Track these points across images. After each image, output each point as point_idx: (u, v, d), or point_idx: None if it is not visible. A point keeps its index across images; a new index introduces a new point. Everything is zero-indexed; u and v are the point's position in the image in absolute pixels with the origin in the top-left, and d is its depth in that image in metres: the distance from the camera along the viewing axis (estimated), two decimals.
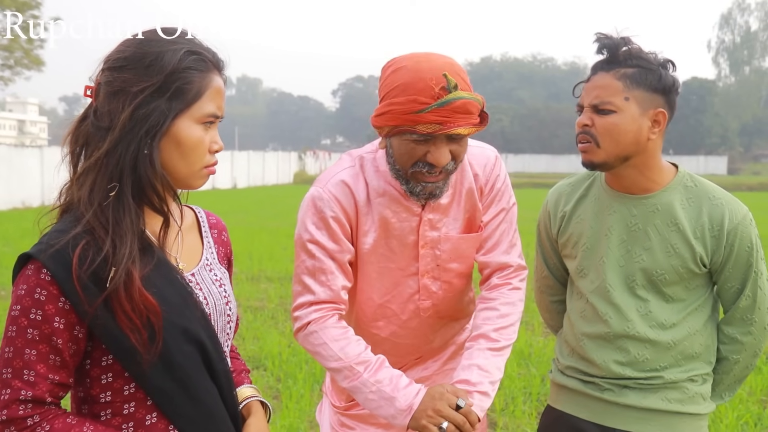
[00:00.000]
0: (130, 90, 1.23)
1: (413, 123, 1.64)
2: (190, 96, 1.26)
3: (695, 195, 1.77)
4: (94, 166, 1.24)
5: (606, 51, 1.75)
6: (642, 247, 1.78)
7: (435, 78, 1.63)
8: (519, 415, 4.19)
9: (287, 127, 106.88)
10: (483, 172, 1.90)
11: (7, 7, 25.27)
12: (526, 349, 5.37)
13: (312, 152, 48.10)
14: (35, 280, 1.19)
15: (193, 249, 1.42)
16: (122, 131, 1.22)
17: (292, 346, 5.53)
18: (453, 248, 1.89)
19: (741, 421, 4.04)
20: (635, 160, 1.75)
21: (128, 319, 1.21)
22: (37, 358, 1.18)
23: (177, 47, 1.27)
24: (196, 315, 1.32)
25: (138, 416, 1.28)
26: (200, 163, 1.31)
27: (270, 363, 5.15)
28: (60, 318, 1.19)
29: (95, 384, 1.26)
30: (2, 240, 12.05)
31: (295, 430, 3.96)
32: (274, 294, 7.67)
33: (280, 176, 39.84)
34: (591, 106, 1.74)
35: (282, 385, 4.74)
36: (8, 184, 19.81)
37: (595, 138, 1.73)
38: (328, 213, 1.80)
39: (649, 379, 1.79)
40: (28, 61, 27.48)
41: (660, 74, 1.72)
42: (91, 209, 1.22)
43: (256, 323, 6.37)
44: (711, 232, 1.74)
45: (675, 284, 1.78)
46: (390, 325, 1.94)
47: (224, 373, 1.38)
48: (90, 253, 1.20)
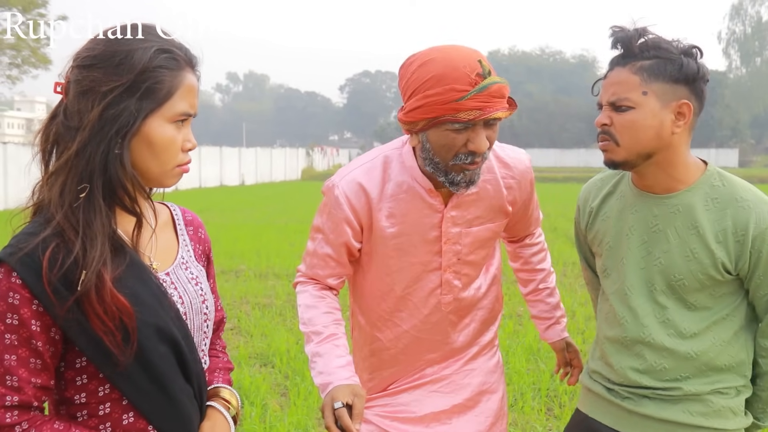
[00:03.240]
0: (100, 89, 1.20)
1: (455, 111, 1.66)
2: (161, 95, 1.24)
3: (721, 196, 1.65)
4: (63, 167, 1.22)
5: (620, 45, 1.66)
6: (661, 250, 1.68)
7: (470, 65, 1.66)
8: (528, 411, 4.17)
9: (295, 123, 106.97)
10: (520, 179, 1.98)
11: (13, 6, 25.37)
12: (534, 345, 5.34)
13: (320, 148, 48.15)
14: (6, 283, 1.17)
15: (168, 247, 1.41)
16: (91, 131, 1.20)
17: (300, 343, 5.52)
18: (473, 241, 1.92)
19: None
20: (658, 156, 1.65)
21: (101, 322, 1.19)
22: (18, 363, 1.17)
23: (147, 45, 1.24)
24: (170, 315, 1.30)
25: (114, 416, 1.27)
26: (173, 162, 1.29)
27: (278, 360, 5.14)
28: (36, 321, 1.18)
29: (70, 386, 1.25)
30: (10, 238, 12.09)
31: (303, 426, 3.95)
32: (281, 291, 7.66)
33: (287, 172, 39.90)
34: (609, 103, 1.66)
35: (290, 382, 4.73)
36: (16, 183, 19.91)
37: (614, 137, 1.65)
38: (339, 214, 1.87)
39: (668, 390, 1.69)
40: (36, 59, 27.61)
41: (681, 63, 1.61)
42: (61, 210, 1.20)
43: (264, 320, 6.37)
44: (735, 236, 1.62)
45: (697, 291, 1.66)
46: (411, 318, 1.97)
47: (197, 373, 1.37)
48: (60, 256, 1.18)
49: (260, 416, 4.05)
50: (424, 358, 2.01)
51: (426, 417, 1.98)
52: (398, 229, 1.87)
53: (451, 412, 2.00)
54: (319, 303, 1.92)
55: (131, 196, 1.26)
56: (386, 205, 1.87)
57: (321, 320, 1.88)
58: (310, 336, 1.88)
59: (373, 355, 2.05)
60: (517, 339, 5.48)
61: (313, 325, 1.88)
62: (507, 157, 1.94)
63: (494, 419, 2.05)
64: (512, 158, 1.95)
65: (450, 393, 2.00)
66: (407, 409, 1.99)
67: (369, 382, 2.08)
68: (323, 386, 1.77)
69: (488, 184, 1.90)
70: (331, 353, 1.82)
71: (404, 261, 1.90)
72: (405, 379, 2.03)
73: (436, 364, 2.02)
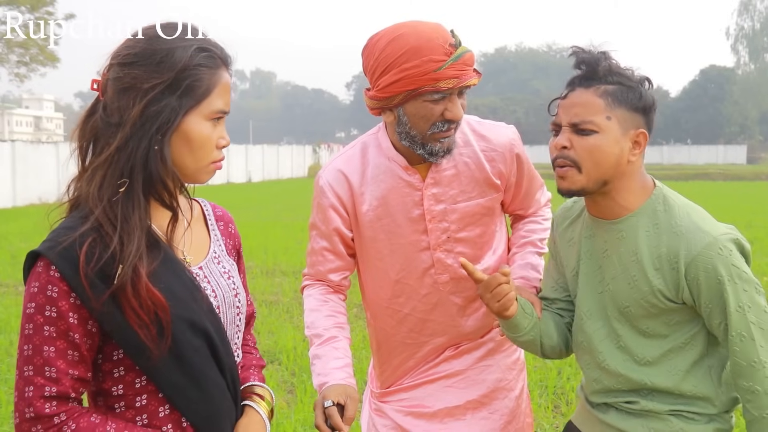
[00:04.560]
0: (141, 87, 1.23)
1: (434, 81, 1.70)
2: (199, 92, 1.27)
3: (661, 221, 1.60)
4: (104, 162, 1.24)
5: (585, 66, 1.62)
6: (610, 276, 1.65)
7: (442, 36, 1.72)
8: (535, 408, 4.16)
9: (301, 120, 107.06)
10: (502, 150, 1.94)
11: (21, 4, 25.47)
12: None
13: (326, 145, 48.14)
14: (46, 277, 1.20)
15: (201, 242, 1.43)
16: (133, 128, 1.22)
17: (307, 341, 5.51)
18: (461, 218, 1.92)
19: None
20: (611, 185, 1.61)
21: (136, 315, 1.21)
22: (56, 355, 1.19)
23: (187, 44, 1.27)
24: (203, 308, 1.32)
25: (151, 408, 1.29)
26: (208, 159, 1.32)
27: (285, 357, 5.16)
28: (73, 313, 1.20)
29: (107, 378, 1.27)
30: (20, 236, 12.17)
31: (310, 423, 3.96)
32: (288, 288, 7.67)
33: (294, 170, 39.93)
34: (570, 125, 1.59)
35: (297, 379, 4.74)
36: (25, 180, 20.02)
37: (575, 161, 1.58)
38: (324, 202, 1.93)
39: (629, 402, 1.66)
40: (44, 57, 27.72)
41: (640, 92, 1.59)
42: (100, 205, 1.22)
43: (270, 317, 6.38)
44: (669, 263, 1.56)
45: (645, 318, 1.61)
46: (410, 300, 1.98)
47: (230, 367, 1.39)
48: (97, 250, 1.20)
49: None
50: (431, 342, 2.01)
51: (440, 412, 1.98)
52: (382, 210, 1.90)
53: (465, 408, 2.00)
54: (322, 307, 1.94)
55: (170, 192, 1.30)
56: (368, 189, 1.90)
57: (322, 323, 1.91)
58: (312, 339, 1.92)
59: (381, 346, 2.07)
60: None
61: (315, 329, 1.91)
62: (485, 130, 1.94)
63: (510, 417, 2.03)
64: (491, 131, 1.95)
65: (464, 388, 2.00)
66: (422, 404, 2.00)
67: (381, 375, 2.09)
68: (319, 387, 1.79)
69: (466, 157, 1.90)
70: (329, 355, 1.84)
71: (393, 243, 1.92)
72: (419, 372, 2.03)
73: (453, 360, 2.01)
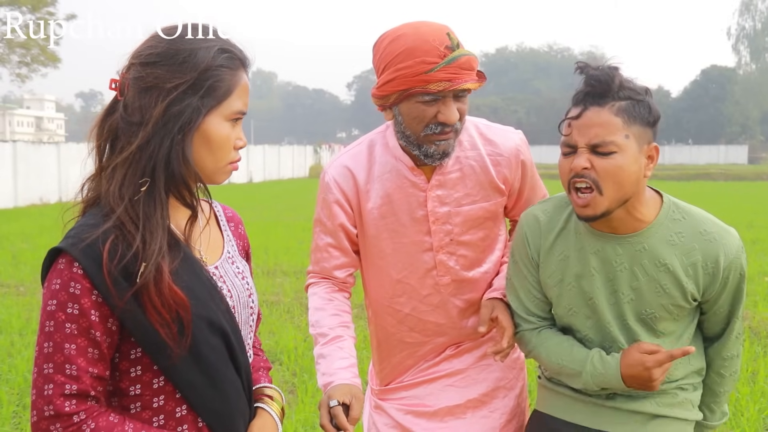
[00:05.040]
0: (164, 86, 1.24)
1: (424, 83, 1.70)
2: (220, 93, 1.28)
3: (685, 229, 1.65)
4: (125, 161, 1.24)
5: (597, 83, 1.56)
6: (629, 287, 1.68)
7: (438, 39, 1.71)
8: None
9: (303, 120, 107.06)
10: (508, 155, 1.93)
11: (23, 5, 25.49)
12: None
13: (327, 145, 48.13)
14: (68, 274, 1.19)
15: (215, 242, 1.44)
16: (155, 127, 1.23)
17: (308, 341, 5.53)
18: (465, 220, 1.92)
19: (763, 414, 3.98)
20: (629, 202, 1.61)
21: (158, 314, 1.21)
22: (77, 352, 1.18)
23: (209, 44, 1.28)
24: (221, 308, 1.33)
25: (168, 409, 1.28)
26: (226, 159, 1.33)
27: (285, 357, 5.16)
28: (95, 311, 1.20)
29: (124, 377, 1.26)
30: (21, 236, 12.17)
31: (310, 424, 3.96)
32: (289, 288, 7.67)
33: (295, 170, 39.94)
34: (589, 146, 1.56)
35: (297, 379, 4.74)
36: (26, 181, 20.03)
37: (596, 182, 1.56)
38: (330, 197, 1.93)
39: None
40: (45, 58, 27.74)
41: (649, 105, 1.58)
42: (121, 204, 1.22)
43: (271, 318, 6.38)
44: (705, 269, 1.65)
45: (665, 320, 1.70)
46: (411, 300, 1.98)
47: (245, 367, 1.40)
48: (119, 247, 1.20)
49: None
50: (432, 341, 2.01)
51: (440, 411, 1.99)
52: (386, 208, 1.90)
53: (465, 407, 2.00)
54: (327, 305, 1.93)
55: (191, 191, 1.31)
56: (374, 186, 1.90)
57: (327, 322, 1.90)
58: (316, 338, 1.90)
59: (381, 344, 2.07)
60: None
61: (320, 327, 1.90)
62: (492, 134, 1.93)
63: (510, 416, 2.04)
64: (498, 135, 1.94)
65: (465, 387, 2.00)
66: (422, 403, 2.00)
67: (381, 372, 2.10)
68: (324, 386, 1.78)
69: (472, 160, 1.90)
70: (334, 355, 1.83)
71: (396, 242, 1.92)
72: (419, 371, 2.04)
73: (453, 359, 2.01)
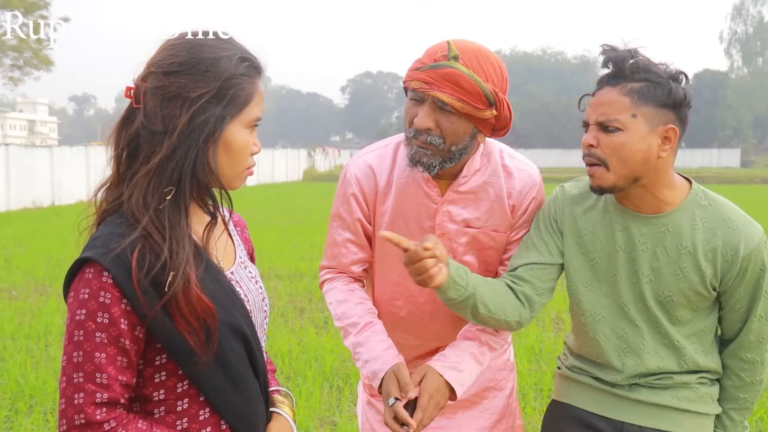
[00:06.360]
0: (188, 95, 1.24)
1: (409, 78, 1.76)
2: (241, 101, 1.29)
3: (710, 216, 1.71)
4: (149, 171, 1.24)
5: (612, 64, 1.67)
6: (650, 268, 1.73)
7: (441, 46, 1.75)
8: (530, 411, 4.16)
9: (296, 124, 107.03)
10: (521, 190, 1.91)
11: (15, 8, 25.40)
12: (537, 345, 5.34)
13: (321, 149, 48.16)
14: (98, 283, 1.20)
15: (227, 247, 1.45)
16: (181, 136, 1.24)
17: (302, 344, 5.52)
18: (470, 242, 1.91)
19: (756, 416, 3.99)
20: (645, 180, 1.68)
21: (186, 322, 1.23)
22: (107, 361, 1.19)
23: (230, 53, 1.29)
24: (240, 312, 1.35)
25: (191, 412, 1.30)
26: (244, 165, 1.35)
27: (280, 361, 5.14)
28: (124, 319, 1.20)
29: (148, 383, 1.27)
30: (13, 240, 12.12)
31: (305, 427, 3.95)
32: (283, 291, 7.66)
33: (289, 173, 39.88)
34: (597, 123, 1.67)
35: (291, 383, 4.73)
36: (19, 184, 19.93)
37: (602, 159, 1.66)
38: (348, 191, 1.95)
39: (661, 379, 1.79)
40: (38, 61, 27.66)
41: (670, 88, 1.64)
42: (146, 213, 1.23)
43: None
44: (724, 256, 1.69)
45: (682, 306, 1.74)
46: (408, 305, 1.99)
47: (263, 369, 1.42)
48: (147, 256, 1.21)
49: None
50: (426, 346, 2.03)
51: None
52: (397, 213, 1.92)
53: (455, 407, 2.01)
54: (350, 296, 1.93)
55: (214, 199, 1.33)
56: (391, 191, 1.92)
57: (356, 311, 1.89)
58: (347, 329, 1.89)
59: None
60: (519, 340, 5.47)
61: (348, 318, 1.89)
62: (513, 167, 1.92)
63: (500, 416, 2.06)
64: (518, 169, 1.92)
65: None
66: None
67: None
68: (373, 375, 1.77)
69: (490, 186, 1.90)
70: (372, 339, 1.82)
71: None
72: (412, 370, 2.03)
73: None
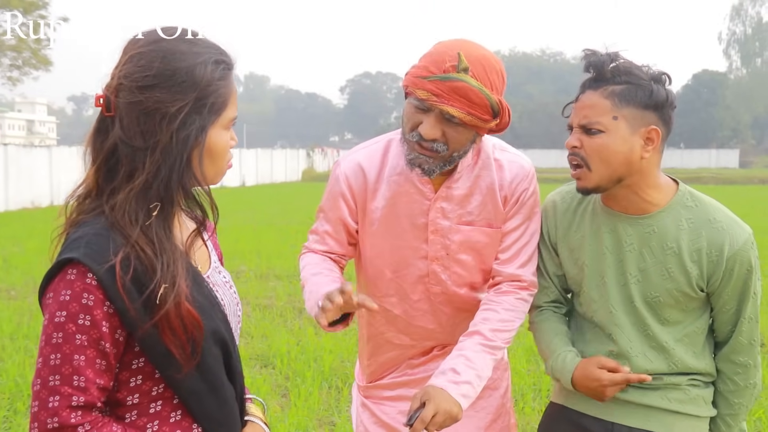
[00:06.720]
0: (167, 111, 1.21)
1: (415, 87, 1.73)
2: (218, 107, 1.28)
3: (695, 216, 1.73)
4: (134, 188, 1.22)
5: (592, 68, 1.70)
6: (637, 268, 1.75)
7: (450, 55, 1.70)
8: (528, 411, 4.17)
9: (295, 124, 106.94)
10: (511, 181, 1.91)
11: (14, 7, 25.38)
12: (535, 346, 5.33)
13: (320, 149, 48.12)
14: (81, 284, 1.17)
15: (202, 252, 1.42)
16: (164, 152, 1.22)
17: (301, 344, 5.52)
18: (464, 240, 1.91)
19: (754, 417, 3.99)
20: (629, 180, 1.71)
21: (174, 336, 1.21)
22: (86, 363, 1.17)
23: (204, 58, 1.26)
24: (219, 317, 1.34)
25: (163, 414, 1.28)
26: (225, 162, 1.35)
27: (278, 361, 5.14)
28: (106, 322, 1.18)
29: (123, 387, 1.25)
30: (12, 240, 12.10)
31: (304, 428, 3.95)
32: (282, 292, 7.65)
33: (288, 174, 39.86)
34: (579, 126, 1.71)
35: (290, 383, 4.73)
36: (18, 184, 19.90)
37: (585, 160, 1.70)
38: (336, 189, 1.96)
39: (650, 381, 1.78)
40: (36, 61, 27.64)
41: (651, 89, 1.66)
42: (135, 229, 1.21)
43: (264, 321, 6.37)
44: (709, 256, 1.70)
45: (671, 307, 1.75)
46: (401, 303, 1.99)
47: (240, 374, 1.40)
48: (132, 261, 1.19)
49: None
50: (420, 345, 2.03)
51: None
52: (389, 210, 1.91)
53: None
54: (318, 261, 1.94)
55: (203, 208, 1.33)
56: (382, 187, 1.92)
57: (316, 267, 1.91)
58: (304, 280, 1.89)
59: (370, 340, 2.09)
60: (517, 340, 5.47)
61: (307, 272, 1.91)
62: (504, 160, 1.93)
63: (495, 416, 2.06)
64: (509, 161, 1.93)
65: None
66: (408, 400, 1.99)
67: (368, 368, 2.11)
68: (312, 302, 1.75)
69: (482, 180, 1.89)
70: (321, 281, 1.82)
71: (393, 244, 1.93)
72: (406, 368, 2.05)
73: (439, 359, 2.00)
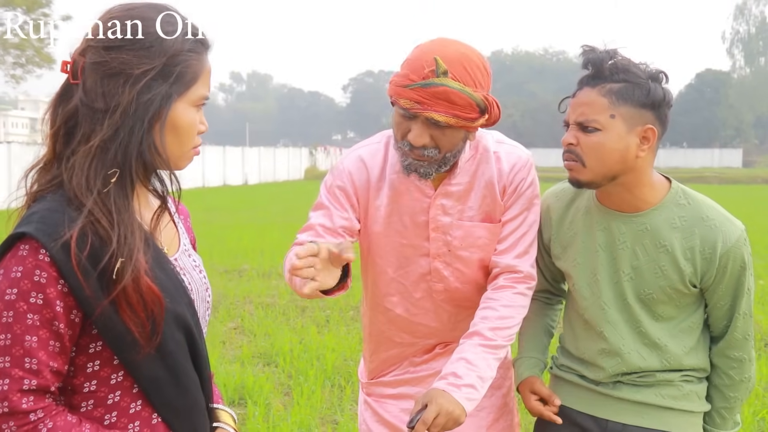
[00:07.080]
0: (132, 72, 1.17)
1: (398, 96, 1.72)
2: (188, 79, 1.24)
3: (688, 214, 1.73)
4: (90, 151, 1.17)
5: (591, 66, 1.70)
6: (630, 266, 1.76)
7: (427, 60, 1.69)
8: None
9: (298, 122, 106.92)
10: (509, 171, 1.91)
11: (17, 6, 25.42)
12: None
13: (323, 148, 48.17)
14: (33, 261, 1.11)
15: (171, 234, 1.37)
16: (123, 115, 1.17)
17: (304, 343, 5.52)
18: (465, 236, 1.90)
19: (758, 417, 3.99)
20: (623, 178, 1.71)
21: (133, 313, 1.16)
22: (38, 345, 1.11)
23: (176, 28, 1.23)
24: (184, 301, 1.28)
25: (122, 405, 1.22)
26: (191, 145, 1.29)
27: (281, 360, 5.14)
28: (60, 301, 1.12)
29: (79, 373, 1.19)
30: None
31: (306, 426, 3.95)
32: (285, 290, 7.65)
33: (291, 172, 39.90)
34: (576, 123, 1.70)
35: (293, 381, 4.73)
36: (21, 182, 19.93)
37: (580, 157, 1.69)
38: (336, 182, 1.92)
39: (643, 377, 1.79)
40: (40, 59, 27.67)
41: (649, 88, 1.66)
42: (90, 196, 1.15)
43: (267, 320, 6.37)
44: (702, 254, 1.70)
45: (664, 303, 1.75)
46: (403, 301, 1.98)
47: (206, 361, 1.35)
48: (89, 237, 1.14)
49: (263, 416, 4.06)
50: (422, 342, 2.02)
51: None
52: (391, 208, 1.91)
53: None
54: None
55: (163, 182, 1.28)
56: (384, 185, 1.91)
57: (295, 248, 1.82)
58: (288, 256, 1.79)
59: (372, 338, 2.09)
60: (517, 338, 5.47)
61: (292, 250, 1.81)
62: (502, 152, 1.92)
63: (497, 415, 2.06)
64: (507, 153, 1.93)
65: None
66: (411, 399, 1.99)
67: (371, 364, 2.11)
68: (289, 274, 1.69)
69: (480, 173, 1.89)
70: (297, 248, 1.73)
71: (396, 242, 1.93)
72: (408, 365, 2.05)
73: (441, 358, 2.00)
